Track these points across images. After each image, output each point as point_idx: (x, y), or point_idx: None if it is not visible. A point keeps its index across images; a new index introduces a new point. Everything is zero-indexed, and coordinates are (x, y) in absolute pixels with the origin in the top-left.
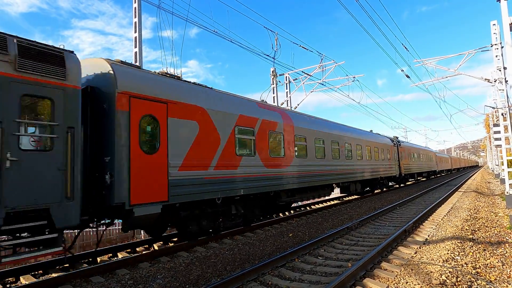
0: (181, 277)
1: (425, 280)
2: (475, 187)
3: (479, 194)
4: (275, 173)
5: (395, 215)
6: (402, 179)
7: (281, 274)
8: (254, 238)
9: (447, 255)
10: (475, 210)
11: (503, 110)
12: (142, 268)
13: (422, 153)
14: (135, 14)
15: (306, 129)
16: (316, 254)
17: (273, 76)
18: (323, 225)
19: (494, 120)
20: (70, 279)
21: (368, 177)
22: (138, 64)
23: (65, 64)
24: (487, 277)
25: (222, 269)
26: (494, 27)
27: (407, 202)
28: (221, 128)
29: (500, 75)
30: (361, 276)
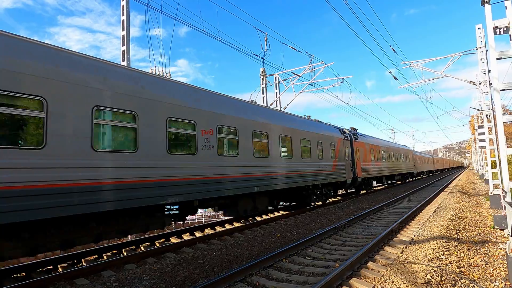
0: (168, 278)
1: (410, 280)
2: (461, 187)
3: (464, 194)
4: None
5: (382, 215)
6: (359, 185)
7: (268, 274)
8: (242, 238)
9: (432, 254)
10: (460, 210)
11: (487, 112)
12: (128, 269)
13: (394, 152)
14: (123, 12)
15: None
16: (304, 254)
17: (262, 76)
18: (311, 225)
19: (479, 122)
20: (53, 282)
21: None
22: (126, 61)
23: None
24: (471, 276)
25: (210, 270)
26: (479, 30)
27: (395, 202)
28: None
29: (485, 77)
30: (348, 276)
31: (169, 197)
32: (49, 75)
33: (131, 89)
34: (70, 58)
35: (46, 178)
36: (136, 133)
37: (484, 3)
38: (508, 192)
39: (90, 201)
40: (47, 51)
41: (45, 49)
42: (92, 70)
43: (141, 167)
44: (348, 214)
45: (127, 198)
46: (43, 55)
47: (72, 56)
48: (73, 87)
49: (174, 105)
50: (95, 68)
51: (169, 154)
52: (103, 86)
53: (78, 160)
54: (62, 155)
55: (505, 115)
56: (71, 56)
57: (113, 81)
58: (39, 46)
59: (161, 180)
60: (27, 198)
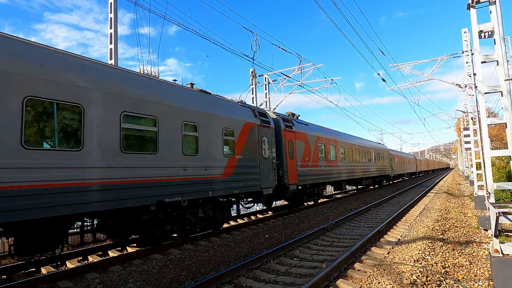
0: (154, 280)
1: (396, 280)
2: (447, 188)
3: (450, 195)
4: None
5: (370, 215)
6: (295, 195)
7: (256, 276)
8: (230, 239)
9: (418, 255)
10: (445, 211)
11: (472, 114)
12: (113, 271)
13: (359, 149)
14: (110, 10)
15: None
16: (292, 255)
17: (252, 76)
18: (299, 226)
19: (465, 124)
20: (35, 285)
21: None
22: (113, 60)
23: None
24: (456, 276)
25: (197, 272)
26: (465, 34)
27: (382, 203)
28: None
29: (470, 80)
30: (335, 277)
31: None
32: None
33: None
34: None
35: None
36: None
37: (470, 8)
38: (492, 193)
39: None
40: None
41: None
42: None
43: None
44: (336, 215)
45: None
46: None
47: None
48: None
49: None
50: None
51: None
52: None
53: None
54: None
55: (490, 118)
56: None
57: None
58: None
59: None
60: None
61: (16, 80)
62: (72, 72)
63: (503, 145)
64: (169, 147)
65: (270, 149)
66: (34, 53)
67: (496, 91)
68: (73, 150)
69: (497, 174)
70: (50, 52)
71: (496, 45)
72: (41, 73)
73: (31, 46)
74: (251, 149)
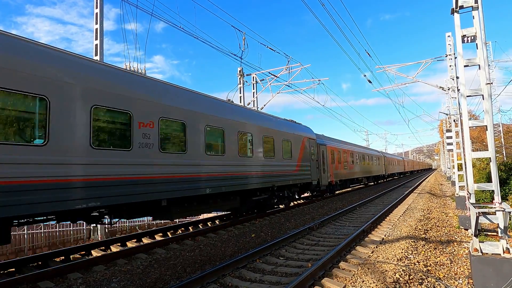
0: (138, 280)
1: (380, 279)
2: (429, 188)
3: (432, 195)
4: None
5: (355, 215)
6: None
7: (241, 275)
8: (216, 239)
9: (401, 254)
10: (428, 211)
11: (455, 117)
12: (96, 271)
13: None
14: (96, 5)
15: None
16: (278, 254)
17: (240, 76)
18: (285, 225)
19: (447, 126)
20: (15, 285)
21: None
22: (99, 56)
23: None
24: (437, 274)
25: (182, 271)
26: (449, 38)
27: (367, 203)
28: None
29: (453, 83)
30: (320, 276)
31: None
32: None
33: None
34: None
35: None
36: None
37: (454, 12)
38: (473, 193)
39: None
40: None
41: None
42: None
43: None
44: (322, 215)
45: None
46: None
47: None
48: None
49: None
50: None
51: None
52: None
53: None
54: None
55: (471, 120)
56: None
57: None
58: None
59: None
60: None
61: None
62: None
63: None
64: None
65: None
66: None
67: (478, 94)
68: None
69: (478, 175)
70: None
71: (478, 50)
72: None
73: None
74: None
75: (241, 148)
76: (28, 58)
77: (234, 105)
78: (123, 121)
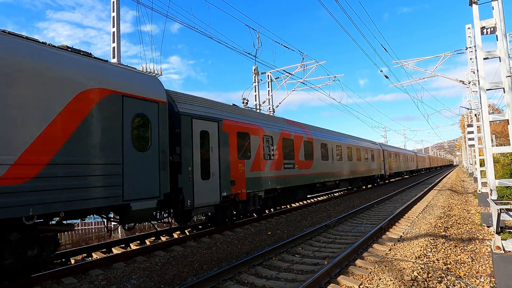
0: (156, 276)
1: (397, 277)
2: (450, 185)
3: (453, 192)
4: None
5: (372, 213)
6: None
7: (258, 272)
8: (232, 236)
9: (419, 251)
10: (448, 208)
11: (476, 111)
12: (116, 268)
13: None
14: (113, 8)
15: None
16: (294, 252)
17: (255, 74)
18: (302, 223)
19: (469, 120)
20: (40, 281)
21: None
22: (116, 58)
23: None
24: (457, 272)
25: (199, 268)
26: (469, 30)
27: (385, 200)
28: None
29: (474, 77)
30: (336, 273)
31: None
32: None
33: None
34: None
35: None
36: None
37: (472, 3)
38: (494, 190)
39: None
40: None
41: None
42: None
43: None
44: (339, 212)
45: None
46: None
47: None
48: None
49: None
50: None
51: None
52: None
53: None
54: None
55: (492, 114)
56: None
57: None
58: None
59: None
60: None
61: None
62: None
63: (508, 141)
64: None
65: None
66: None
67: (499, 87)
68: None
69: (501, 171)
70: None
71: (498, 41)
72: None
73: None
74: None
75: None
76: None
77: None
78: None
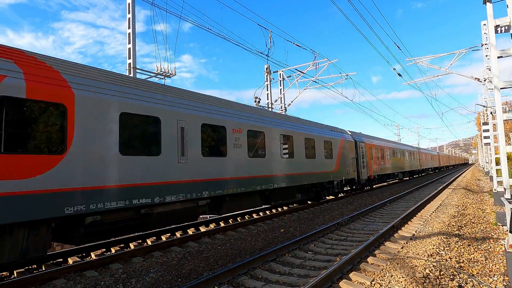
0: (174, 271)
1: (409, 274)
2: (465, 184)
3: (468, 191)
4: None
5: (385, 211)
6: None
7: (271, 268)
8: (246, 233)
9: (432, 250)
10: (463, 207)
11: (492, 109)
12: (135, 262)
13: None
14: (129, 10)
15: None
16: (306, 249)
17: (267, 73)
18: (314, 221)
19: (485, 118)
20: (64, 273)
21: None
22: (132, 59)
23: None
24: (470, 271)
25: (214, 263)
26: (485, 27)
27: (398, 199)
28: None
29: (490, 74)
30: (348, 270)
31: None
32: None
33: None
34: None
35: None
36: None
37: (486, 2)
38: (508, 188)
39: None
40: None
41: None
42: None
43: None
44: (351, 210)
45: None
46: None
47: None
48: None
49: None
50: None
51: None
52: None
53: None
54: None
55: (506, 113)
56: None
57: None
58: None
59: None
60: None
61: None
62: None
63: None
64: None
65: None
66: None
67: None
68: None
69: None
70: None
71: None
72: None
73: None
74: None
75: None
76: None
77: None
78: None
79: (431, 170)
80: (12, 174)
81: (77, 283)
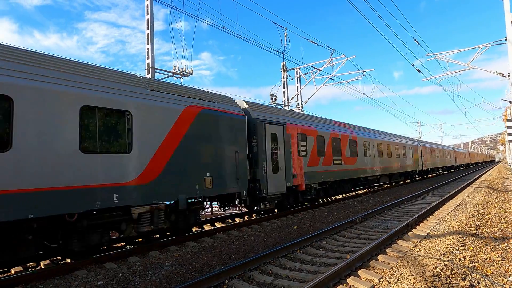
0: (188, 264)
1: (419, 272)
2: (489, 182)
3: (492, 189)
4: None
5: (401, 209)
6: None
7: (282, 263)
8: (260, 229)
9: (445, 249)
10: (484, 206)
11: None
12: (152, 256)
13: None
14: (147, 11)
15: None
16: (318, 246)
17: (283, 70)
18: (328, 218)
19: (511, 114)
20: (85, 265)
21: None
22: (150, 59)
23: None
24: (484, 271)
25: (227, 258)
26: None
27: (416, 197)
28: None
29: None
30: (357, 267)
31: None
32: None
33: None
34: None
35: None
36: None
37: None
38: None
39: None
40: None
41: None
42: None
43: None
44: (366, 208)
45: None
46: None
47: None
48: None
49: None
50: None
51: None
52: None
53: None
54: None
55: None
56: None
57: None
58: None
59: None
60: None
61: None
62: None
63: None
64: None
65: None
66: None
67: None
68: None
69: None
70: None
71: None
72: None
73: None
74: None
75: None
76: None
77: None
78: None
79: (446, 169)
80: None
81: (97, 274)
